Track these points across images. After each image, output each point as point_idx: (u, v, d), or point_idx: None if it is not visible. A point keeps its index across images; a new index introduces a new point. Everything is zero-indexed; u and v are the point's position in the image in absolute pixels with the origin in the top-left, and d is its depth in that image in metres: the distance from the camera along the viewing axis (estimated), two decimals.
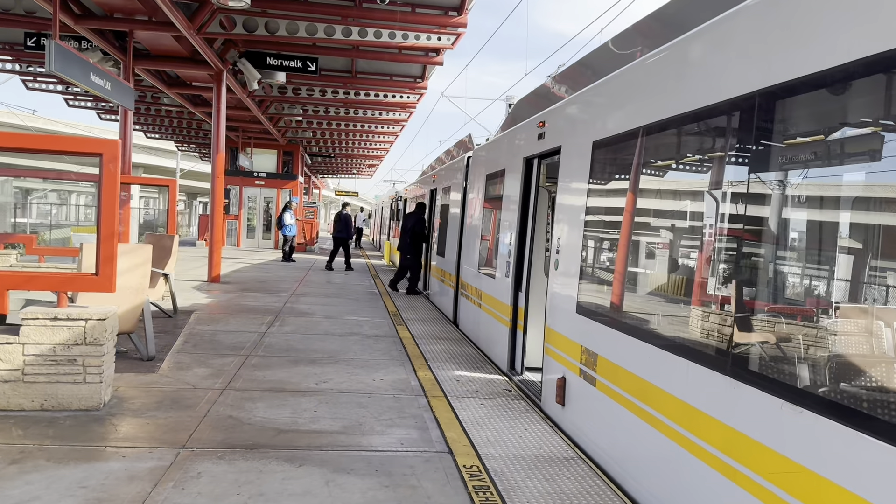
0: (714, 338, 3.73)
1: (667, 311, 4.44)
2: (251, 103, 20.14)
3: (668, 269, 4.59)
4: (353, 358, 8.25)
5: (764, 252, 3.49)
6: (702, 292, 3.99)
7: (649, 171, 4.76)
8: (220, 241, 15.60)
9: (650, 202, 4.85)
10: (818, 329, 3.12)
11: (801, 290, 3.35)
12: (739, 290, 3.56)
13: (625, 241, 5.01)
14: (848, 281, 3.02)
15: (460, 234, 12.21)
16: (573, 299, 5.81)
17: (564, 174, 6.35)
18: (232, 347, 8.45)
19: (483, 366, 8.34)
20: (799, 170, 3.28)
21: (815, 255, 3.26)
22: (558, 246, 6.34)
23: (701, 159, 4.20)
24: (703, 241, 4.05)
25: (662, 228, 4.72)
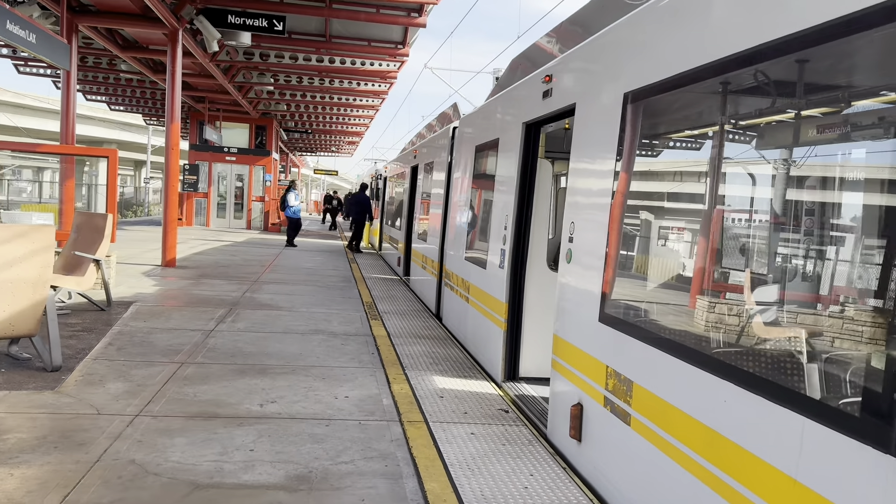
0: (870, 387, 2.30)
1: (765, 338, 2.99)
2: (215, 70, 18.40)
3: (774, 271, 3.10)
4: (313, 365, 6.78)
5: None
6: (838, 308, 2.56)
7: (744, 128, 3.29)
8: (174, 221, 13.99)
9: (739, 174, 3.39)
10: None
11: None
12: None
13: (689, 227, 3.57)
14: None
15: (444, 216, 10.73)
16: (595, 302, 4.37)
17: (582, 140, 4.88)
18: (166, 351, 6.94)
19: (471, 372, 6.91)
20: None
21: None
22: (572, 233, 4.89)
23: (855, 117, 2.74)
24: (841, 230, 2.61)
25: (761, 213, 3.26)
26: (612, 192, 4.27)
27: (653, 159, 4.05)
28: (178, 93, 14.00)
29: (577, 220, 4.81)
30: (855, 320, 2.45)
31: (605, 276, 4.27)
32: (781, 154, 3.01)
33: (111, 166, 10.59)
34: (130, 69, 20.87)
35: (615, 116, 4.31)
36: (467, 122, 9.48)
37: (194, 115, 28.16)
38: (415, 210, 14.21)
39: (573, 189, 4.99)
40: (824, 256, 2.73)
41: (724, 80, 3.26)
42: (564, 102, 5.34)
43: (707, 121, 3.61)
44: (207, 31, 14.00)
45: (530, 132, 6.44)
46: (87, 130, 51.51)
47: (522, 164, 6.48)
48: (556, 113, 5.59)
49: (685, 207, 3.75)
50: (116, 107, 31.02)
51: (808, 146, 2.85)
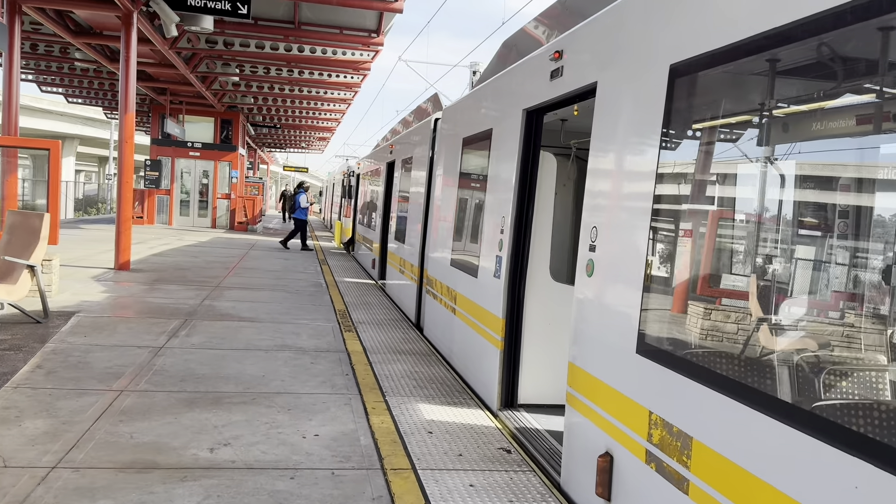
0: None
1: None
2: (176, 58, 17.21)
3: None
4: (278, 391, 5.81)
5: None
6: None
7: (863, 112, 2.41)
8: (128, 220, 12.85)
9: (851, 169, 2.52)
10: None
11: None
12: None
13: (778, 237, 2.70)
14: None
15: (425, 216, 9.80)
16: (631, 328, 3.48)
17: (608, 128, 3.98)
18: (104, 376, 5.91)
19: (461, 397, 6.00)
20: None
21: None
22: (594, 240, 4.00)
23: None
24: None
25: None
26: (654, 193, 3.38)
27: (714, 148, 3.17)
28: (133, 81, 12.85)
29: (603, 224, 3.91)
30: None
31: (647, 296, 3.38)
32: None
33: (52, 160, 9.46)
34: (86, 58, 19.57)
35: (656, 96, 3.43)
36: (452, 113, 8.56)
37: (156, 108, 26.80)
38: (391, 209, 13.26)
39: (595, 188, 4.09)
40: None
41: (826, 41, 2.39)
42: (581, 82, 4.44)
43: (800, 98, 2.74)
44: (165, 14, 12.88)
45: (531, 120, 5.54)
46: (47, 125, 49.57)
47: (522, 157, 5.58)
48: (567, 95, 4.69)
49: (766, 212, 2.88)
50: (74, 99, 29.51)
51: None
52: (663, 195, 3.35)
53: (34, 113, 47.75)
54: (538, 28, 6.12)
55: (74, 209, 47.80)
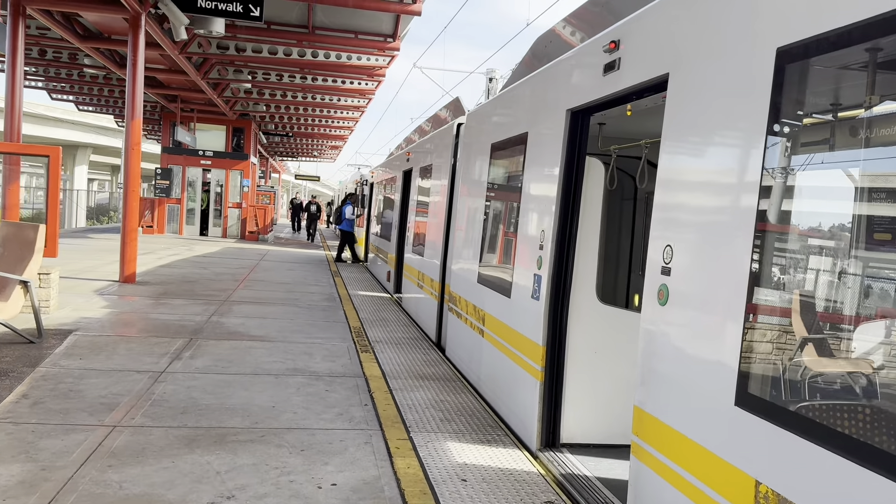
0: None
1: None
2: (186, 63, 16.72)
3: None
4: (290, 426, 5.17)
5: None
6: None
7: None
8: (134, 230, 12.29)
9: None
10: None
11: None
12: None
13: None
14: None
15: (447, 228, 9.17)
16: (728, 374, 2.82)
17: (687, 127, 3.34)
18: (96, 407, 5.30)
19: (494, 433, 5.34)
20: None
21: None
22: (669, 261, 3.35)
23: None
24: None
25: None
26: (758, 204, 2.72)
27: (843, 149, 2.51)
28: (140, 85, 12.32)
29: (682, 243, 3.26)
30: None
31: (751, 332, 2.72)
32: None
33: (52, 168, 8.91)
34: (95, 63, 19.13)
35: (758, 88, 2.78)
36: (478, 118, 7.93)
37: (167, 115, 26.38)
38: (408, 220, 12.63)
39: (668, 199, 3.44)
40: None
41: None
42: (645, 75, 3.80)
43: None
44: (174, 16, 12.36)
45: (577, 122, 4.90)
46: (60, 133, 49.44)
47: (566, 164, 4.93)
48: (625, 92, 4.05)
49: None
50: (85, 107, 29.17)
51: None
52: (774, 206, 2.70)
53: (47, 121, 47.63)
54: (584, 17, 5.48)
55: (86, 218, 47.60)
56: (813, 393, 2.54)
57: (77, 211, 44.58)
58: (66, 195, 44.82)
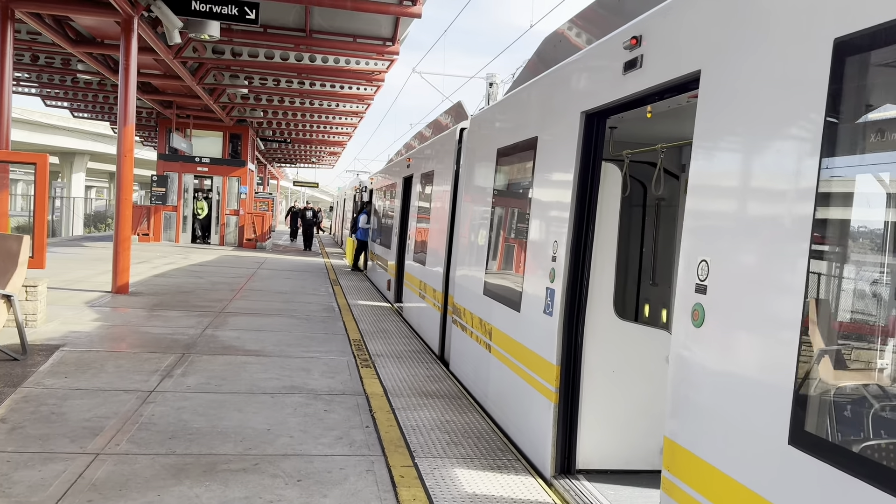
0: None
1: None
2: (181, 68, 16.40)
3: None
4: (286, 452, 4.82)
5: None
6: None
7: None
8: (127, 240, 11.95)
9: None
10: None
11: None
12: None
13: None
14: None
15: (450, 235, 8.84)
16: (779, 408, 2.48)
17: (722, 127, 3.01)
18: (79, 432, 4.95)
19: (504, 457, 5.00)
20: None
21: None
22: (704, 277, 3.01)
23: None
24: None
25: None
26: (813, 216, 2.39)
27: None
28: (133, 91, 12.00)
29: (721, 257, 2.93)
30: None
31: (807, 363, 2.38)
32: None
33: (39, 175, 8.57)
34: (88, 69, 18.83)
35: (812, 85, 2.45)
36: (482, 122, 7.61)
37: (162, 122, 26.06)
38: (409, 228, 12.30)
39: (703, 208, 3.11)
40: None
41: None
42: (673, 72, 3.47)
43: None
44: (167, 20, 12.04)
45: (592, 125, 4.57)
46: (57, 141, 49.18)
47: (581, 170, 4.61)
48: (649, 91, 3.73)
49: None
50: (80, 114, 28.81)
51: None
52: (834, 214, 2.37)
53: (43, 129, 47.35)
54: (600, 12, 5.16)
55: (84, 225, 47.25)
56: (884, 430, 2.21)
57: (74, 219, 44.22)
58: (64, 203, 44.49)
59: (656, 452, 4.70)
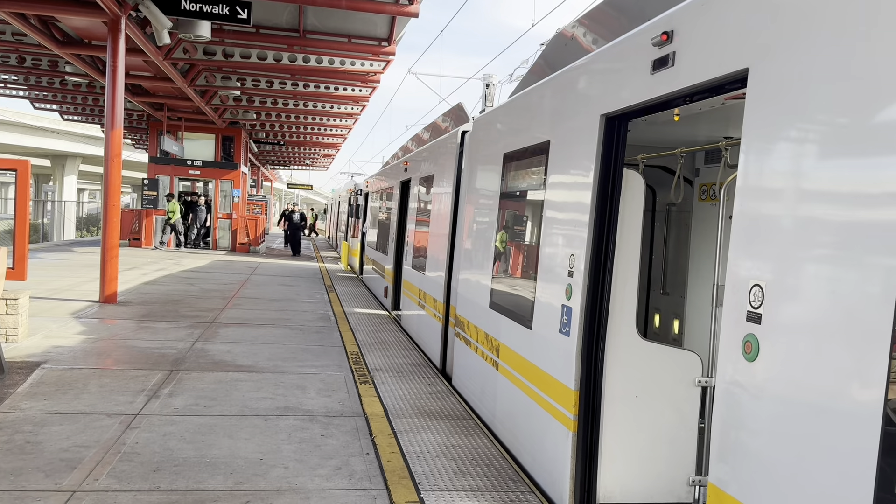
0: None
1: None
2: (172, 70, 15.98)
3: None
4: (280, 487, 4.42)
5: None
6: None
7: None
8: (114, 248, 11.52)
9: None
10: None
11: None
12: None
13: None
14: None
15: (451, 243, 8.46)
16: (863, 461, 2.11)
17: (782, 130, 2.64)
18: (54, 466, 4.54)
19: (516, 489, 4.62)
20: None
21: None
22: (757, 305, 2.64)
23: None
24: None
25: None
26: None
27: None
28: (121, 93, 11.58)
29: (779, 281, 2.55)
30: None
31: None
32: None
33: (20, 182, 8.15)
34: (77, 71, 18.39)
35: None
36: (487, 124, 7.23)
37: (153, 124, 25.59)
38: (406, 233, 11.92)
39: (757, 225, 2.73)
40: None
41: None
42: (712, 71, 3.10)
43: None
44: (156, 19, 11.62)
45: (613, 129, 4.20)
46: (48, 143, 48.62)
47: (601, 178, 4.23)
48: (685, 91, 3.35)
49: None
50: (70, 116, 28.32)
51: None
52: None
53: (34, 131, 46.79)
54: (622, 5, 4.78)
55: (76, 228, 46.69)
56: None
57: (65, 222, 43.65)
58: (55, 206, 43.95)
59: (682, 484, 4.33)
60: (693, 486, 4.32)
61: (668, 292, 7.19)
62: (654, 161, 6.22)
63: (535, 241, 5.30)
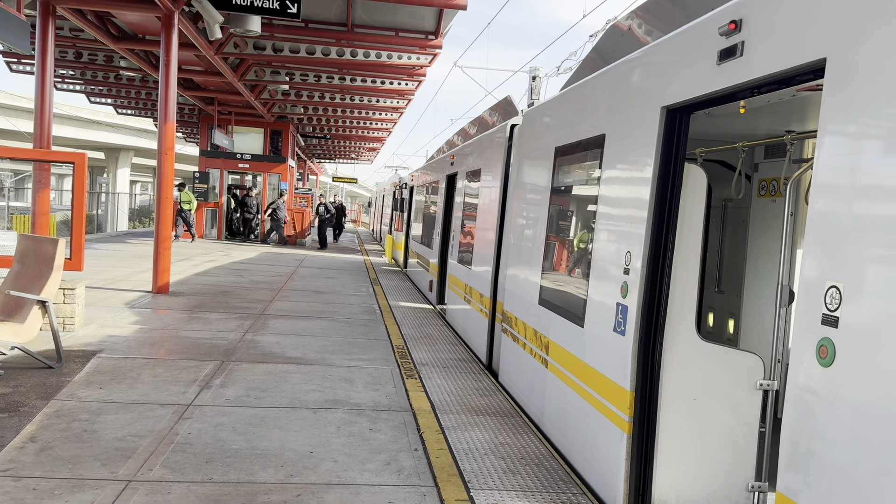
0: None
1: None
2: (223, 64, 16.21)
3: None
4: (330, 481, 4.42)
5: None
6: None
7: None
8: (167, 239, 11.75)
9: None
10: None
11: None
12: None
13: None
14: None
15: (498, 238, 8.37)
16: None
17: (867, 122, 2.49)
18: (110, 454, 4.62)
19: (568, 490, 4.53)
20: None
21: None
22: (834, 308, 2.50)
23: None
24: None
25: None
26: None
27: None
28: (173, 87, 11.77)
29: (859, 282, 2.41)
30: None
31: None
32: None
33: (77, 175, 8.35)
34: (131, 66, 18.79)
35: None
36: (537, 118, 7.12)
37: (204, 118, 26.07)
38: (452, 227, 11.87)
39: (836, 223, 2.59)
40: None
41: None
42: (784, 62, 2.95)
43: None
44: (208, 14, 11.79)
45: (674, 122, 4.06)
46: (103, 137, 50.04)
47: (661, 172, 4.10)
48: (755, 82, 3.21)
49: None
50: (123, 110, 29.04)
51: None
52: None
53: (89, 125, 48.19)
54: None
55: (129, 220, 47.90)
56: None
57: (118, 214, 44.82)
58: (109, 198, 45.18)
59: (740, 490, 4.19)
60: (752, 493, 4.17)
61: (722, 290, 6.99)
62: (712, 155, 6.03)
63: (588, 237, 5.19)
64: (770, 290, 6.10)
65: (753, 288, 6.31)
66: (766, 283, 6.19)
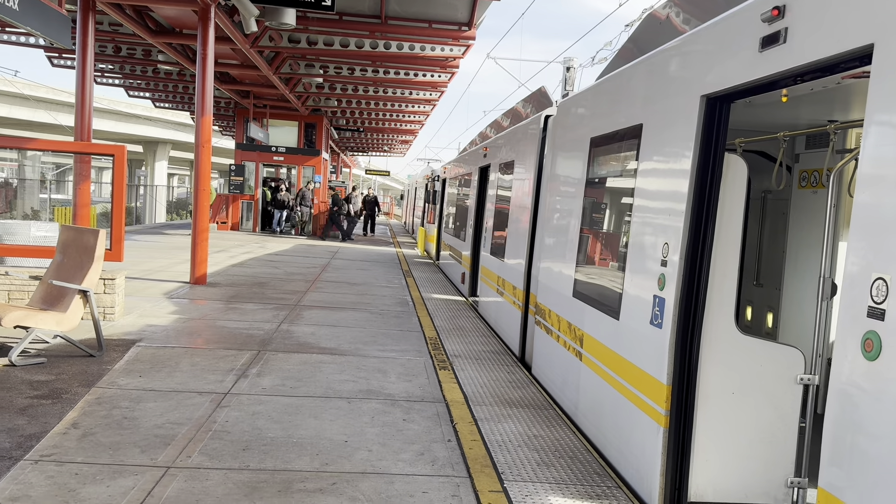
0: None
1: None
2: (258, 58, 16.36)
3: None
4: (364, 470, 4.46)
5: None
6: None
7: None
8: (205, 231, 11.92)
9: None
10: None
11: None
12: None
13: None
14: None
15: (532, 230, 8.32)
16: None
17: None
18: (150, 441, 4.72)
19: (603, 484, 4.50)
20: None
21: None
22: (880, 300, 2.43)
23: None
24: None
25: None
26: None
27: None
28: (210, 80, 11.92)
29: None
30: None
31: None
32: None
33: (117, 167, 8.51)
34: (168, 60, 19.09)
35: None
36: (572, 108, 7.05)
37: (240, 111, 26.39)
38: (485, 219, 11.84)
39: (883, 214, 2.51)
40: None
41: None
42: (828, 49, 2.87)
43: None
44: (244, 8, 11.90)
45: (714, 111, 3.98)
46: (141, 130, 51.01)
47: (700, 163, 4.03)
48: (799, 70, 3.13)
49: None
50: (161, 104, 29.51)
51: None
52: None
53: (128, 118, 49.13)
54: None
55: (166, 212, 48.77)
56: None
57: (156, 206, 45.64)
58: (147, 190, 46.04)
59: (779, 485, 4.12)
60: (791, 488, 4.10)
61: (761, 283, 6.87)
62: (752, 146, 5.92)
63: (624, 229, 5.13)
64: (810, 283, 5.97)
65: (794, 281, 6.19)
66: (807, 276, 6.06)
